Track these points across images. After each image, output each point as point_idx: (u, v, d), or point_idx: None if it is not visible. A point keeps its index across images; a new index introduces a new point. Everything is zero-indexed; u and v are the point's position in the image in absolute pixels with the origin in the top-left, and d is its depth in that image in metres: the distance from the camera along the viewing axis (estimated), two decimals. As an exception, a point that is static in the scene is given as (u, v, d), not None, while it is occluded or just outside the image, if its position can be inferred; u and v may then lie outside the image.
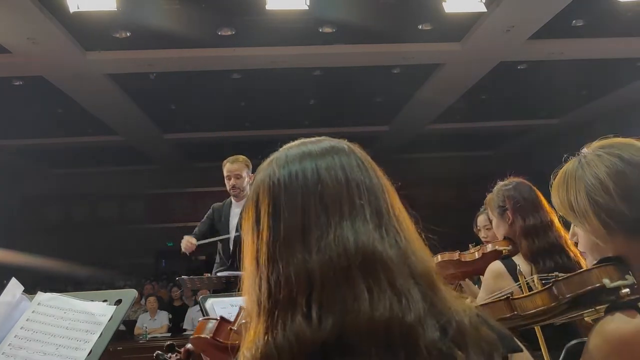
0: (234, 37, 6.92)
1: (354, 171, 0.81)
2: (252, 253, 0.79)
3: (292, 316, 0.72)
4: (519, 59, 8.08)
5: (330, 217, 0.76)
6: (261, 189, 0.82)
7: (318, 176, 0.79)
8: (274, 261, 0.76)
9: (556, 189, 1.23)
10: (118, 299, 1.30)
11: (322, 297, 0.72)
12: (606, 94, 9.81)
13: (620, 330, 1.01)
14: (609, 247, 1.15)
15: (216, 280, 3.60)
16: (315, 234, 0.75)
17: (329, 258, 0.73)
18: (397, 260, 0.75)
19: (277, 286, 0.74)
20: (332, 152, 0.84)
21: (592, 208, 1.14)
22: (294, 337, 0.71)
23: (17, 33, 6.32)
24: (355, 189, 0.79)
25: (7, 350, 1.23)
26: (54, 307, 1.30)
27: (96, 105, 9.06)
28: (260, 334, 0.74)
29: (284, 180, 0.80)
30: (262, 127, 10.79)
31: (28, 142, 10.92)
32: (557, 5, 6.28)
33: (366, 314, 0.70)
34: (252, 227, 0.81)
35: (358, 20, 6.51)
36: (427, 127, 11.35)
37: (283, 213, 0.78)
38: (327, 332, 0.70)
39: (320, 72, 8.34)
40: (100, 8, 5.63)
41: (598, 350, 1.03)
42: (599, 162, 1.16)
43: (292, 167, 0.82)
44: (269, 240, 0.77)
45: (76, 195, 13.28)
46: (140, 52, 7.21)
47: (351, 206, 0.77)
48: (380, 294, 0.72)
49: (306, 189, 0.79)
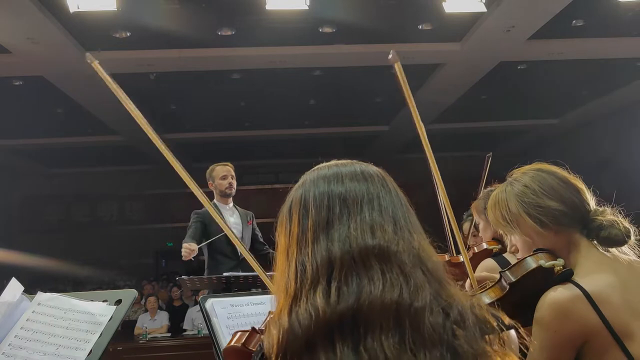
0: (234, 37, 6.92)
1: (377, 186, 0.93)
2: (283, 249, 0.91)
3: (313, 294, 0.81)
4: (519, 59, 8.08)
5: (352, 215, 0.88)
6: (294, 202, 0.94)
7: (344, 187, 0.91)
8: (301, 251, 0.87)
9: (490, 210, 1.48)
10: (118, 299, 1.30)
11: (341, 278, 0.82)
12: (606, 94, 9.80)
13: (557, 297, 1.24)
14: (540, 242, 1.38)
15: (216, 280, 3.60)
16: (338, 227, 0.87)
17: (349, 246, 0.84)
18: (409, 254, 0.85)
19: (303, 271, 0.85)
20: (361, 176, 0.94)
21: (523, 209, 1.38)
22: (313, 311, 0.79)
23: (17, 33, 6.32)
24: (375, 197, 0.91)
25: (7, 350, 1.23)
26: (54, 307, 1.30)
27: (96, 105, 9.05)
28: (284, 312, 0.83)
29: (314, 192, 0.92)
30: (262, 127, 10.79)
31: (28, 142, 10.92)
32: (557, 5, 6.28)
33: (379, 294, 0.79)
34: (285, 230, 0.93)
35: (358, 20, 6.51)
36: (427, 127, 11.27)
37: (311, 211, 0.90)
38: (343, 308, 0.79)
39: (320, 72, 8.34)
40: (100, 8, 5.62)
41: (541, 318, 1.24)
42: (525, 176, 1.43)
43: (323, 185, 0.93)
44: (298, 235, 0.89)
45: (76, 195, 13.27)
46: (140, 52, 7.21)
47: (371, 207, 0.89)
48: (393, 279, 0.81)
49: (332, 193, 0.91)
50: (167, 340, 6.65)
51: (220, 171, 4.12)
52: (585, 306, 1.21)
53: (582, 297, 1.22)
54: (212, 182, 4.15)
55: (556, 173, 1.42)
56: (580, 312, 1.21)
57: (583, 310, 1.21)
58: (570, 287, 1.24)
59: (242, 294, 1.90)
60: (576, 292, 1.23)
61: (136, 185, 13.43)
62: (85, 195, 13.28)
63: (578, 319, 1.21)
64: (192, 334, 6.74)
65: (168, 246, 13.66)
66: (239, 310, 1.59)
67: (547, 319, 1.23)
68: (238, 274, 3.61)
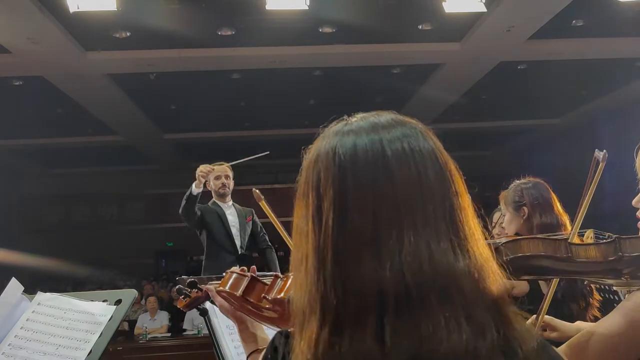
0: (234, 37, 6.92)
1: (427, 167, 0.72)
2: (314, 242, 0.71)
3: (361, 333, 0.66)
4: (519, 59, 8.08)
5: (404, 228, 0.68)
6: (324, 165, 0.73)
7: (390, 172, 0.71)
8: (340, 263, 0.69)
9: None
10: (118, 299, 1.30)
11: (396, 320, 0.66)
12: (606, 94, 9.80)
13: None
14: None
15: (216, 280, 3.60)
16: (386, 244, 0.68)
17: (403, 276, 0.66)
18: (472, 286, 0.68)
19: (345, 293, 0.68)
20: (403, 140, 0.74)
21: None
22: (362, 357, 0.65)
23: (17, 33, 6.32)
24: (428, 193, 0.70)
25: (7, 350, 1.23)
26: (54, 307, 1.30)
27: (96, 105, 9.05)
28: (323, 346, 0.67)
29: (352, 175, 0.71)
30: (262, 127, 10.79)
31: (28, 142, 10.91)
32: (557, 5, 6.28)
33: (443, 345, 0.64)
34: (312, 210, 0.72)
35: (358, 20, 6.51)
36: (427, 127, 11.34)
37: (351, 212, 0.70)
38: (399, 357, 0.65)
39: (320, 72, 8.34)
40: (100, 8, 5.63)
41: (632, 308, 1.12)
42: None
43: (359, 140, 0.74)
44: (335, 236, 0.69)
45: (76, 195, 13.27)
46: (140, 52, 7.21)
47: (425, 215, 0.69)
48: (457, 324, 0.66)
49: (378, 189, 0.70)
50: (167, 340, 6.66)
51: (214, 172, 4.18)
52: None
53: None
54: (208, 182, 4.20)
55: None
56: None
57: None
58: None
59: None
60: None
61: (136, 185, 13.43)
62: (85, 195, 13.28)
63: None
64: (192, 334, 6.74)
65: (168, 246, 13.68)
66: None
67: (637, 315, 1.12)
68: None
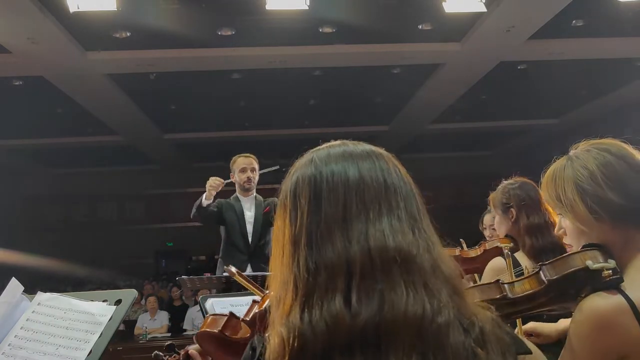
0: (234, 37, 6.92)
1: (392, 176, 0.85)
2: (289, 233, 0.82)
3: (331, 298, 0.75)
4: (519, 59, 8.08)
5: (370, 213, 0.80)
6: (301, 180, 0.85)
7: (360, 175, 0.83)
8: (313, 245, 0.79)
9: (545, 184, 1.30)
10: (118, 299, 1.30)
11: (362, 285, 0.75)
12: (606, 94, 9.80)
13: (599, 307, 1.09)
14: (594, 235, 1.20)
15: (216, 280, 3.59)
16: (355, 226, 0.79)
17: (369, 250, 0.77)
18: (429, 263, 0.79)
19: (317, 269, 0.77)
20: (372, 155, 0.88)
21: (579, 195, 1.20)
22: (331, 319, 0.73)
23: (17, 33, 6.32)
24: (393, 192, 0.83)
25: (7, 350, 1.23)
26: (54, 307, 1.30)
27: (96, 105, 9.05)
28: (295, 312, 0.76)
29: (326, 175, 0.83)
30: (262, 127, 10.80)
31: (28, 142, 10.91)
32: (557, 5, 6.28)
33: (402, 308, 0.74)
34: (289, 210, 0.84)
35: (358, 20, 6.51)
36: (427, 127, 11.35)
37: (324, 202, 0.81)
38: (365, 319, 0.73)
39: (320, 72, 8.34)
40: (100, 8, 5.62)
41: (579, 325, 1.11)
42: (588, 155, 1.23)
43: (335, 166, 0.85)
44: (309, 225, 0.80)
45: (76, 195, 13.27)
46: (140, 52, 7.21)
47: (389, 206, 0.81)
48: (416, 292, 0.75)
49: (347, 185, 0.82)
50: (167, 340, 6.64)
51: (240, 163, 3.97)
52: (629, 320, 1.08)
53: (628, 309, 1.08)
54: (232, 173, 4.02)
55: (626, 157, 1.22)
56: (623, 326, 1.08)
57: (627, 325, 1.08)
58: (615, 297, 1.10)
59: (242, 293, 1.90)
60: (621, 302, 1.09)
61: (136, 185, 13.43)
62: (85, 195, 13.28)
63: (619, 334, 1.08)
64: (192, 334, 6.73)
65: (168, 246, 13.68)
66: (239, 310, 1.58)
67: (585, 329, 1.11)
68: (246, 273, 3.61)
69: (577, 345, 1.12)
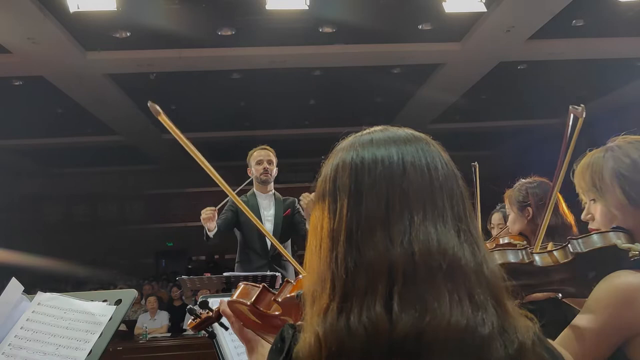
0: (234, 37, 6.92)
1: (438, 170, 0.79)
2: (328, 227, 0.78)
3: (371, 303, 0.71)
4: (519, 59, 8.08)
5: (414, 214, 0.75)
6: (341, 166, 0.80)
7: (403, 169, 0.78)
8: (353, 243, 0.75)
9: (580, 172, 1.37)
10: (118, 299, 1.30)
11: (404, 291, 0.71)
12: (606, 94, 9.80)
13: (627, 281, 1.16)
14: (624, 220, 1.28)
15: (216, 280, 3.59)
16: (398, 227, 0.74)
17: (412, 253, 0.73)
18: (475, 270, 0.74)
19: (356, 269, 0.73)
20: (416, 141, 0.83)
21: (618, 181, 1.28)
22: (371, 325, 0.70)
23: (17, 33, 6.32)
24: (438, 190, 0.78)
25: (7, 350, 1.23)
26: (54, 307, 1.30)
27: (96, 105, 9.05)
28: (333, 313, 0.72)
29: (368, 163, 0.79)
30: (262, 127, 10.79)
31: (28, 142, 10.92)
32: (557, 5, 6.28)
33: (446, 318, 0.70)
34: (328, 201, 0.79)
35: (358, 20, 6.51)
36: (427, 127, 11.34)
37: (366, 198, 0.76)
38: (407, 327, 0.69)
39: (320, 72, 8.34)
40: (100, 8, 5.63)
41: (604, 293, 1.17)
42: (632, 147, 1.32)
43: (378, 151, 0.80)
44: (349, 221, 0.76)
45: (76, 195, 13.27)
46: (140, 52, 7.21)
47: (434, 207, 0.77)
48: (459, 301, 0.71)
49: (391, 180, 0.77)
50: (167, 340, 6.66)
51: (256, 156, 3.80)
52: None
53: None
54: (249, 167, 3.84)
55: None
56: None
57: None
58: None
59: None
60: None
61: (136, 185, 13.44)
62: (85, 195, 13.29)
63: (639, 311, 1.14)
64: (192, 334, 6.73)
65: (168, 246, 13.69)
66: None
67: (608, 301, 1.16)
68: (239, 273, 3.60)
69: (595, 310, 1.17)
